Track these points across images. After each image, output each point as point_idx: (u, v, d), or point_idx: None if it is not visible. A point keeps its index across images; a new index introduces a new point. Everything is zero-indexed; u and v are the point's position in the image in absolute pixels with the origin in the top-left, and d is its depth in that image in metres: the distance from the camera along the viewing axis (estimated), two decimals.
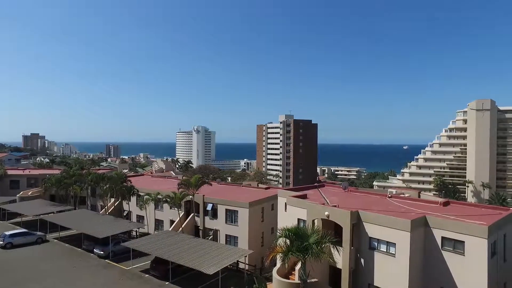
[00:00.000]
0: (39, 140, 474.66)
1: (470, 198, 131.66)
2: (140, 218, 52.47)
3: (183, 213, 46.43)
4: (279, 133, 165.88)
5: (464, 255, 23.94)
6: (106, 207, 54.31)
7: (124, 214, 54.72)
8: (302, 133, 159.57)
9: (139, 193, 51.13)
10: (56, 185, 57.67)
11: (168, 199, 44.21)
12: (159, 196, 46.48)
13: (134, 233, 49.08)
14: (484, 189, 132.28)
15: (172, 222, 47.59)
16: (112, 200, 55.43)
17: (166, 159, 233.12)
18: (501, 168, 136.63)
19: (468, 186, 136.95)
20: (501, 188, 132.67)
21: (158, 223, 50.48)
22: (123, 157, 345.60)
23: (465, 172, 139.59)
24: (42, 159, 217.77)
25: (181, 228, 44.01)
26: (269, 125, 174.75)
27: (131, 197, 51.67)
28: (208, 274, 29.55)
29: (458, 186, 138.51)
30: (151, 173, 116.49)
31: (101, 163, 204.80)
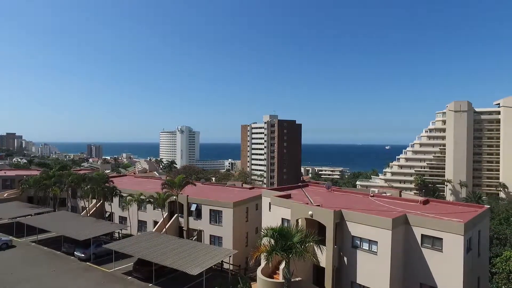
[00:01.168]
0: (15, 140, 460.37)
1: (449, 197, 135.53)
2: (122, 219, 51.65)
3: (166, 213, 45.99)
4: (263, 133, 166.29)
5: (442, 252, 24.68)
6: (87, 209, 53.19)
7: (106, 216, 53.75)
8: (286, 133, 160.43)
9: (122, 194, 50.36)
10: (34, 187, 56.02)
11: (152, 200, 43.71)
12: (142, 197, 45.87)
13: (116, 235, 48.29)
14: (461, 188, 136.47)
15: (155, 223, 47.06)
16: (94, 201, 54.32)
17: (150, 159, 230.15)
18: (476, 168, 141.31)
19: (446, 185, 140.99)
20: (477, 187, 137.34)
21: (141, 224, 49.80)
22: (105, 157, 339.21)
23: (444, 172, 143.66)
24: (19, 160, 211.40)
25: (164, 229, 43.58)
26: (253, 125, 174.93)
27: (114, 198, 50.81)
28: (192, 275, 29.39)
29: (437, 185, 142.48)
30: (134, 173, 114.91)
31: (82, 164, 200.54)
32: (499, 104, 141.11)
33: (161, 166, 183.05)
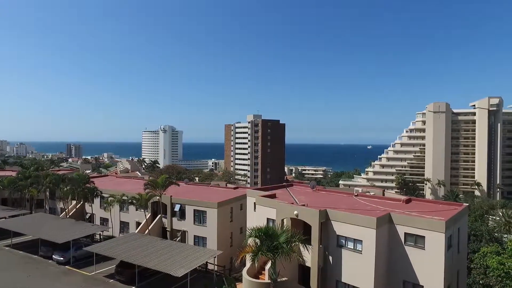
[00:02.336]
0: None
1: (428, 195, 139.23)
2: (104, 221, 50.41)
3: (149, 214, 45.17)
4: (247, 132, 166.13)
5: (424, 249, 25.14)
6: (66, 210, 51.61)
7: (87, 217, 52.31)
8: (270, 133, 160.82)
9: (103, 194, 49.13)
10: (8, 188, 53.88)
11: (134, 201, 42.82)
12: (125, 198, 44.90)
13: (97, 237, 47.05)
14: (440, 187, 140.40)
15: (138, 224, 46.15)
16: (74, 202, 52.77)
17: (132, 159, 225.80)
18: (454, 167, 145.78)
19: (426, 184, 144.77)
20: (455, 185, 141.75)
21: (124, 226, 48.75)
22: (86, 157, 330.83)
23: (424, 171, 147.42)
24: None
25: (147, 230, 42.78)
26: (237, 125, 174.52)
27: (94, 199, 49.50)
28: (176, 277, 28.92)
29: (417, 184, 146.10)
30: (116, 173, 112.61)
31: (61, 164, 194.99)
32: (474, 105, 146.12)
33: (143, 166, 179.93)
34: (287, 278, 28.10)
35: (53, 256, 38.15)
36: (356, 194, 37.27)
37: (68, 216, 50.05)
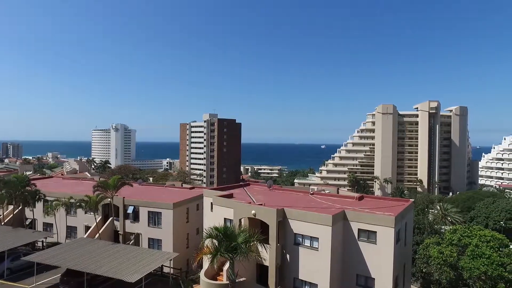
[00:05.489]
0: None
1: (377, 192, 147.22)
2: (48, 226, 46.75)
3: (100, 217, 42.75)
4: (203, 132, 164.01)
5: (376, 244, 26.41)
6: (1, 217, 47.00)
7: (27, 223, 48.05)
8: (226, 132, 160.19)
9: (47, 198, 45.46)
10: None
11: (83, 203, 40.20)
12: (72, 200, 42.03)
13: (39, 244, 43.50)
14: (387, 184, 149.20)
15: (87, 228, 43.49)
16: (11, 207, 48.21)
17: (80, 159, 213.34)
18: (400, 165, 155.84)
19: (375, 181, 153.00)
20: (400, 182, 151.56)
21: (71, 230, 45.64)
22: (26, 157, 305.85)
23: (373, 169, 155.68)
24: None
25: (98, 234, 40.45)
26: (193, 124, 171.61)
27: (37, 203, 45.57)
28: (130, 283, 27.58)
29: (367, 182, 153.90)
30: (62, 174, 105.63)
31: None
32: (417, 108, 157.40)
33: (93, 167, 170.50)
34: (245, 278, 28.04)
35: None
36: (311, 192, 38.22)
37: (3, 223, 45.56)
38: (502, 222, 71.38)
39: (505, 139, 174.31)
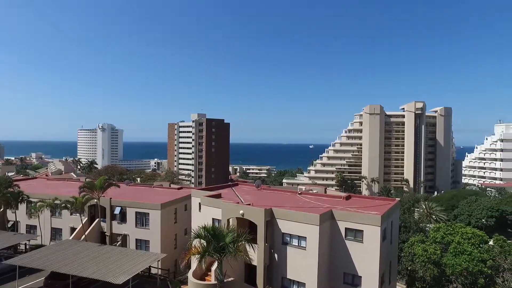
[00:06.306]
0: None
1: (364, 191, 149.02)
2: (31, 229, 45.85)
3: (86, 218, 42.17)
4: (191, 132, 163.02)
5: (362, 242, 26.81)
6: None
7: (9, 226, 46.94)
8: (215, 132, 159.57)
9: (30, 199, 44.56)
10: None
11: (68, 205, 39.57)
12: (57, 202, 41.29)
13: (22, 247, 42.56)
14: (374, 183, 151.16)
15: (73, 229, 42.81)
16: None
17: (66, 159, 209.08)
18: (387, 165, 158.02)
19: (362, 181, 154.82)
20: (387, 182, 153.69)
21: (56, 232, 44.86)
22: (8, 157, 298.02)
23: (361, 169, 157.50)
24: None
25: (84, 236, 39.89)
26: (181, 124, 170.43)
27: (20, 204, 44.56)
28: (116, 284, 27.31)
29: (355, 181, 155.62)
30: (47, 175, 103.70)
31: None
32: (403, 108, 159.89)
33: (79, 167, 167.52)
34: (233, 278, 28.09)
35: None
36: (299, 192, 38.50)
37: None
38: (483, 220, 73.32)
39: (486, 139, 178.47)
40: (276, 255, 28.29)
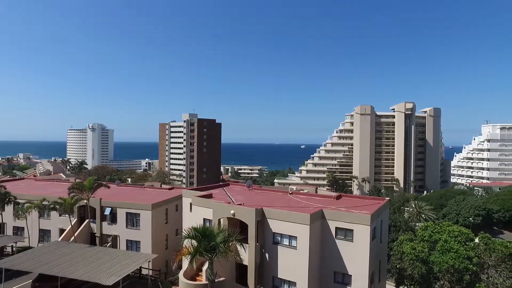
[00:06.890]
0: None
1: (355, 191, 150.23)
2: (18, 230, 45.12)
3: (75, 219, 41.73)
4: (182, 132, 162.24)
5: (352, 242, 27.10)
6: None
7: None
8: (206, 132, 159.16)
9: (18, 200, 43.85)
10: None
11: (57, 206, 39.07)
12: (45, 202, 40.75)
13: (9, 249, 41.89)
14: (365, 183, 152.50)
15: (62, 231, 42.28)
16: None
17: (55, 159, 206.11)
18: (377, 165, 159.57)
19: (353, 181, 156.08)
20: (377, 182, 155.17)
21: (44, 234, 44.28)
22: None
23: (352, 169, 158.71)
24: None
25: (73, 237, 39.45)
26: (172, 124, 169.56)
27: (6, 206, 43.76)
28: (106, 285, 27.09)
29: (346, 181, 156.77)
30: (35, 176, 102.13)
31: None
32: (394, 109, 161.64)
33: (68, 167, 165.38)
34: (224, 278, 28.11)
35: None
36: (290, 192, 38.70)
37: None
38: (471, 218, 74.67)
39: (474, 139, 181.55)
40: (267, 255, 28.42)
